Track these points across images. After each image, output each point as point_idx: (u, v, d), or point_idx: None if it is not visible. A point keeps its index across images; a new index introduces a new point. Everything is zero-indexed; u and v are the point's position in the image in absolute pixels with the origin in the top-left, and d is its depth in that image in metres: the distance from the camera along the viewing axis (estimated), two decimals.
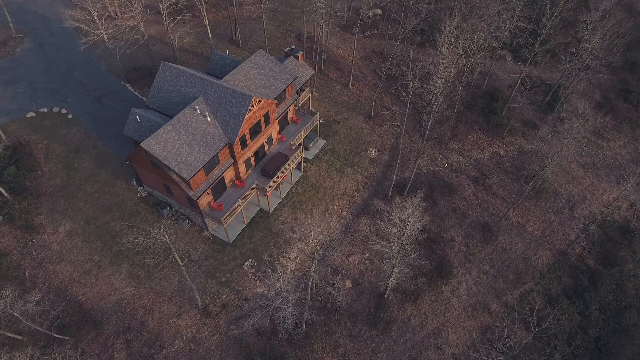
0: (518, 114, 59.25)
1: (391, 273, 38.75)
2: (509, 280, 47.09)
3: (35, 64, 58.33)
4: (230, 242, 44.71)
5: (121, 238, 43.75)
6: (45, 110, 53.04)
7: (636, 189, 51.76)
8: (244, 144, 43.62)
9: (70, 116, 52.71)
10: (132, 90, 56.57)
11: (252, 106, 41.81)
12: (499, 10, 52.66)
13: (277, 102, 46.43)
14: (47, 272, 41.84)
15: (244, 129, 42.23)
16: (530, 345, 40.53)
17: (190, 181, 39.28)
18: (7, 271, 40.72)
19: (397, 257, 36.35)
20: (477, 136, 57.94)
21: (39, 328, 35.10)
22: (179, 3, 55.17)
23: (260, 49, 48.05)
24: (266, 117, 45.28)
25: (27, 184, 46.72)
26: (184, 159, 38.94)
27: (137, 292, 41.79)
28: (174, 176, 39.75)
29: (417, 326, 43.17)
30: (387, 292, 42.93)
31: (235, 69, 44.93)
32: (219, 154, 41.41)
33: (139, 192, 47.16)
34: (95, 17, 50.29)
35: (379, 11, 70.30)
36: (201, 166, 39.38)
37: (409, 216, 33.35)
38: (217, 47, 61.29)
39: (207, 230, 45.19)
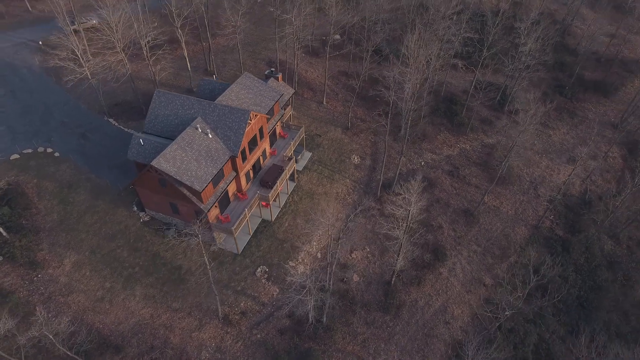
0: (476, 114, 66.50)
1: (398, 256, 42.17)
2: (496, 255, 52.00)
3: (9, 109, 58.12)
4: (240, 252, 46.35)
5: (130, 262, 44.34)
6: (30, 150, 52.91)
7: (585, 164, 59.63)
8: (244, 157, 46.30)
9: (57, 154, 52.87)
10: (116, 124, 57.70)
11: (251, 120, 44.97)
12: (449, 25, 60.43)
13: (268, 117, 49.84)
14: (59, 305, 41.23)
15: (245, 142, 45.07)
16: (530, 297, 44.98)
17: (202, 194, 41.17)
18: (17, 308, 39.83)
19: (404, 237, 39.95)
20: (444, 136, 64.19)
21: (69, 353, 34.70)
22: (157, 39, 57.98)
23: (246, 72, 51.75)
24: (260, 131, 48.47)
25: (24, 222, 46.13)
26: (193, 173, 40.97)
27: (154, 311, 42.08)
28: (185, 191, 41.51)
29: (425, 306, 46.49)
30: (393, 278, 46.14)
31: (227, 90, 48.06)
32: (223, 167, 43.76)
33: (141, 217, 47.92)
34: (80, 55, 51.97)
35: (337, 37, 76.85)
36: (210, 179, 41.53)
37: (412, 194, 37.36)
38: (194, 78, 64.23)
39: (215, 244, 46.61)
